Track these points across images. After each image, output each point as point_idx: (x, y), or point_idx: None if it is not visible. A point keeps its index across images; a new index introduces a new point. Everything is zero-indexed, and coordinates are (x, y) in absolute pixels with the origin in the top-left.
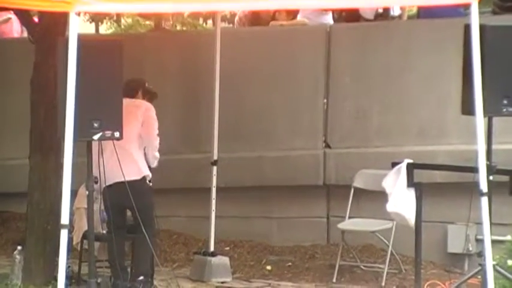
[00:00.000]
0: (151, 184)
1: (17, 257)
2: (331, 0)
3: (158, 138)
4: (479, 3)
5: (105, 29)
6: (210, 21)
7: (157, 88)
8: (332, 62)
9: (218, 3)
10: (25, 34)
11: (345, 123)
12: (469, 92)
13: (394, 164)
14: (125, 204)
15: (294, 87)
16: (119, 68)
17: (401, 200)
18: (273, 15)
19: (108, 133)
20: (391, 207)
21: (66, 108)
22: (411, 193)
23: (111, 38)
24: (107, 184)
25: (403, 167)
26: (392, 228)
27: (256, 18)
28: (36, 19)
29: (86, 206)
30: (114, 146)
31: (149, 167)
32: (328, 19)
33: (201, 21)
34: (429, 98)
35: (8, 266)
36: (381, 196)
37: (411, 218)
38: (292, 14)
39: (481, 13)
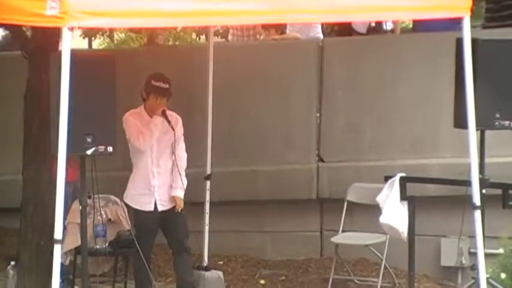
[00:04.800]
0: None
1: (11, 272)
2: (323, 15)
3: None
4: (470, 17)
5: (98, 44)
6: (203, 36)
7: None
8: (325, 75)
9: (210, 17)
10: None
11: (338, 137)
12: (461, 106)
13: (387, 178)
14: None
15: (287, 101)
16: (112, 82)
17: (394, 213)
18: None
19: (101, 148)
20: (384, 219)
21: (60, 123)
22: (404, 206)
23: (104, 53)
24: (167, 208)
25: (396, 180)
26: (385, 241)
27: None
28: (29, 34)
29: (78, 221)
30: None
31: None
32: (318, 32)
33: (194, 36)
34: (422, 111)
35: (1, 281)
36: (374, 210)
37: (404, 231)
38: (281, 28)
39: (472, 27)
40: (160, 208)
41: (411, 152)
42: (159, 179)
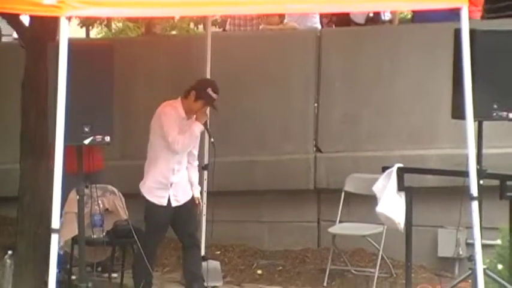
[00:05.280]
0: None
1: (8, 261)
2: (321, 5)
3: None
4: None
5: (96, 33)
6: (201, 26)
7: (148, 92)
8: (323, 66)
9: (208, 7)
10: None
11: (336, 128)
12: (459, 97)
13: (384, 168)
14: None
15: (285, 91)
16: (110, 72)
17: (391, 204)
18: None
19: (98, 137)
20: (380, 208)
21: (57, 113)
22: (401, 197)
23: (102, 42)
24: (180, 204)
25: (393, 171)
26: (383, 232)
27: None
28: (26, 24)
29: (76, 211)
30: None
31: None
32: (316, 23)
33: (192, 25)
34: (420, 102)
35: None
36: (372, 200)
37: (400, 222)
38: (281, 17)
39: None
40: (174, 204)
41: (409, 143)
42: (178, 175)
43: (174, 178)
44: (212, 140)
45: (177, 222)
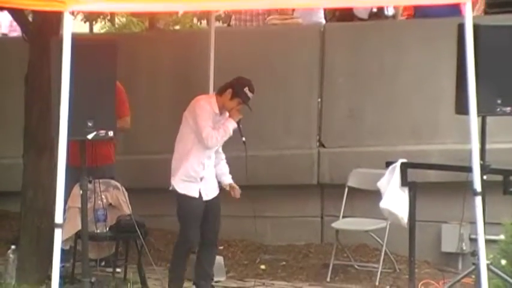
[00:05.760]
0: None
1: (11, 256)
2: (325, 0)
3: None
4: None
5: (99, 28)
6: (204, 21)
7: (151, 87)
8: (326, 61)
9: (211, 2)
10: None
11: (339, 123)
12: (462, 92)
13: (388, 164)
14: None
15: (288, 86)
16: (113, 67)
17: (395, 199)
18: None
19: (102, 132)
20: (384, 204)
21: (61, 107)
22: (404, 192)
23: (105, 37)
24: (210, 198)
25: (397, 166)
26: (386, 227)
27: None
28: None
29: (79, 206)
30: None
31: None
32: (320, 17)
33: (195, 20)
34: (423, 97)
35: (1, 265)
36: (375, 195)
37: (404, 217)
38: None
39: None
40: (204, 198)
41: (412, 138)
42: (207, 170)
43: (205, 173)
44: (244, 139)
45: (206, 218)
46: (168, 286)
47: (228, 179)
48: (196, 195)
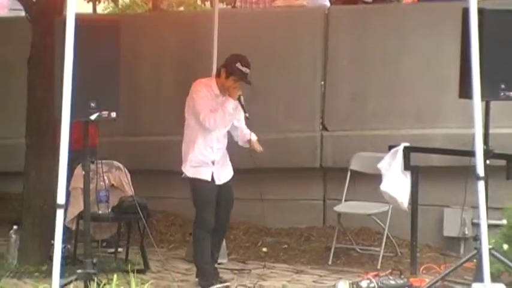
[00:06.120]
0: None
1: (13, 236)
2: None
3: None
4: None
5: (103, 8)
6: (208, 2)
7: (154, 68)
8: (330, 44)
9: None
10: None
11: (343, 106)
12: (466, 76)
13: (391, 147)
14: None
15: (292, 69)
16: (116, 48)
17: (395, 182)
18: None
19: (105, 113)
20: (384, 186)
21: (64, 88)
22: (406, 176)
23: (109, 18)
24: (222, 182)
25: (399, 150)
26: (388, 211)
27: None
28: None
29: (82, 186)
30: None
31: None
32: (325, 0)
33: (199, 1)
34: (427, 81)
35: (3, 245)
36: (378, 179)
37: (403, 201)
38: None
39: None
40: (216, 182)
41: (415, 122)
42: (217, 153)
43: (215, 156)
44: (247, 114)
45: (219, 203)
46: (197, 276)
47: (247, 135)
48: (209, 179)
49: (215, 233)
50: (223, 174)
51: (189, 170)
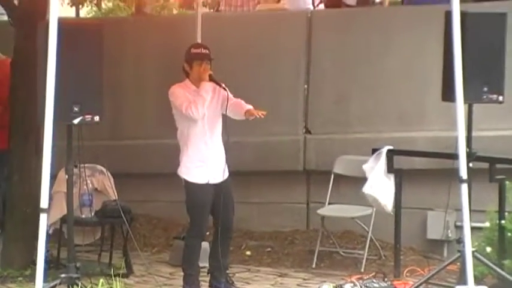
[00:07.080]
0: None
1: None
2: None
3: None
4: None
5: (86, 13)
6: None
7: (137, 72)
8: (313, 47)
9: None
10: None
11: (326, 109)
12: (449, 79)
13: (374, 150)
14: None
15: (275, 72)
16: (100, 52)
17: (378, 185)
18: None
19: (88, 117)
20: (367, 189)
21: (47, 92)
22: (389, 179)
23: (92, 22)
24: (218, 182)
25: (383, 153)
26: (372, 214)
27: None
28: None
29: (65, 190)
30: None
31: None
32: (309, 4)
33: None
34: (410, 84)
35: None
36: (361, 182)
37: (387, 204)
38: None
39: (462, 0)
40: (211, 181)
41: (398, 125)
42: (212, 148)
43: (209, 153)
44: (223, 85)
45: (218, 203)
46: (183, 281)
47: (245, 107)
48: (203, 181)
49: (222, 238)
50: (218, 172)
51: (185, 171)
